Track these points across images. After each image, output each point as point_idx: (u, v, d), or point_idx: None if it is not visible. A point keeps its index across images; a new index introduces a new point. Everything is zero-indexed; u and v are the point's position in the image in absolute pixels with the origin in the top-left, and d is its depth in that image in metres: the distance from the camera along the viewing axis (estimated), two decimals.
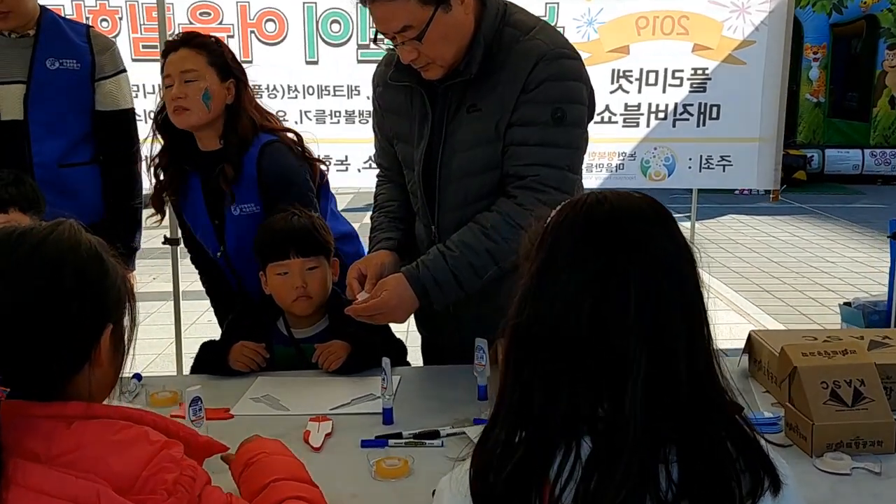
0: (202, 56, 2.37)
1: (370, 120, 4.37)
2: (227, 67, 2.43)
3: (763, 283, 6.88)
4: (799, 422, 1.66)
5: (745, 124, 4.15)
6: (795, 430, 1.67)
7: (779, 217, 9.90)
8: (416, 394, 1.96)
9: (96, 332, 1.14)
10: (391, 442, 1.71)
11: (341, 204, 2.79)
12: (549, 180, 1.92)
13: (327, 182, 3.06)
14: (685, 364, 0.99)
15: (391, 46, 2.02)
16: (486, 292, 1.96)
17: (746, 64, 4.09)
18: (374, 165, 4.46)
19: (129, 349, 1.22)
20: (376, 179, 2.35)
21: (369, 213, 2.32)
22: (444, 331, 2.19)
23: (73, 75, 2.77)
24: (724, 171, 4.23)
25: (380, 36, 1.98)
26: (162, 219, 2.59)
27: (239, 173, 2.35)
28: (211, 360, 2.17)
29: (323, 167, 2.58)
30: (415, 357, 2.34)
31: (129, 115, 2.92)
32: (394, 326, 2.19)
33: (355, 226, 2.41)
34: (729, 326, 5.53)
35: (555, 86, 1.91)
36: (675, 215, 1.10)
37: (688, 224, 4.51)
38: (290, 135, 2.51)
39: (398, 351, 2.27)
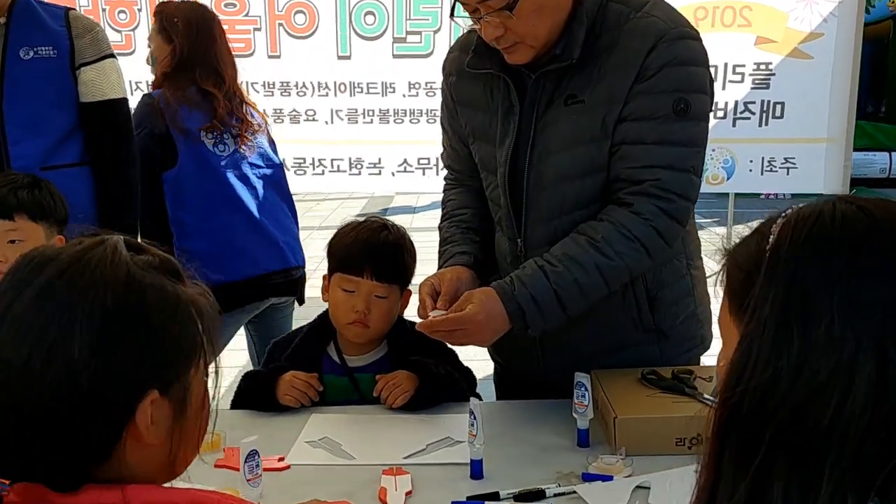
0: None
1: (405, 120, 4.21)
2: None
3: None
4: None
5: (812, 124, 3.85)
6: None
7: None
8: (501, 437, 1.65)
9: (126, 406, 0.85)
10: None
11: (353, 209, 2.42)
12: (672, 185, 1.62)
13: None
14: None
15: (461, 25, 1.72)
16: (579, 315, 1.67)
17: (813, 58, 3.78)
18: (409, 169, 4.27)
19: (206, 414, 0.93)
20: (444, 183, 2.03)
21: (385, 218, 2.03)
22: (524, 358, 1.88)
23: (49, 64, 2.42)
24: (788, 174, 3.92)
25: (459, 15, 1.68)
26: None
27: None
28: (255, 393, 1.87)
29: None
30: (482, 388, 2.03)
31: (118, 107, 2.54)
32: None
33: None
34: None
35: (676, 72, 1.61)
36: (705, 220, 0.78)
37: (721, 230, 4.20)
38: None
39: (469, 382, 1.97)
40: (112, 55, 2.56)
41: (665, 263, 1.76)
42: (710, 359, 1.94)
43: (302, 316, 2.57)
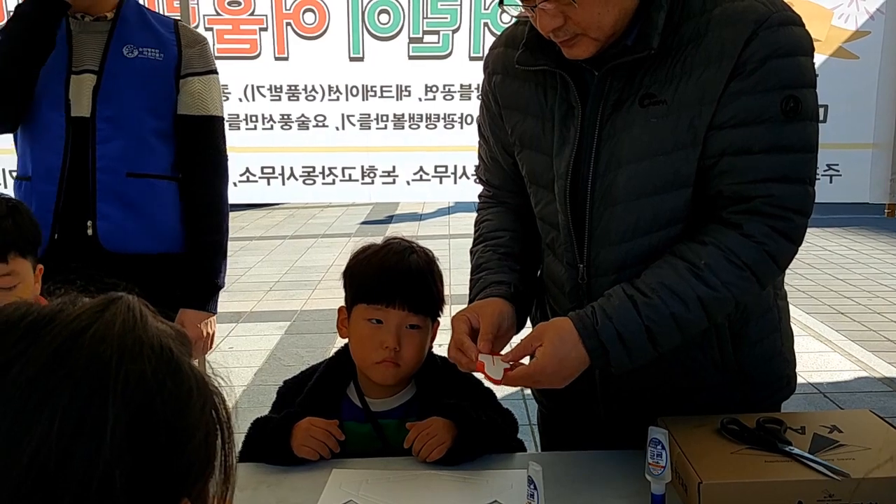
0: None
1: (421, 125, 3.96)
2: None
3: (835, 304, 6.29)
4: None
5: (857, 128, 3.60)
6: None
7: (829, 230, 9.31)
8: (557, 500, 1.39)
9: None
10: None
11: (357, 217, 2.12)
12: (787, 200, 1.38)
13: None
14: None
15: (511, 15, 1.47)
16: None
17: (859, 58, 3.55)
18: (424, 177, 4.02)
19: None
20: (478, 200, 1.77)
21: (390, 226, 1.78)
22: (579, 403, 1.62)
23: (153, 66, 2.29)
24: (831, 181, 3.67)
25: (508, 3, 1.42)
26: None
27: None
28: (267, 443, 1.61)
29: None
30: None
31: (216, 125, 2.41)
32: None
33: (377, 239, 1.80)
34: (810, 356, 4.97)
35: (783, 64, 1.35)
36: None
37: None
38: None
39: (510, 426, 1.71)
40: (216, 71, 2.43)
41: None
42: (793, 404, 1.69)
43: (296, 330, 2.32)
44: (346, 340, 1.73)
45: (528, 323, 1.64)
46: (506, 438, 1.66)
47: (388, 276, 1.64)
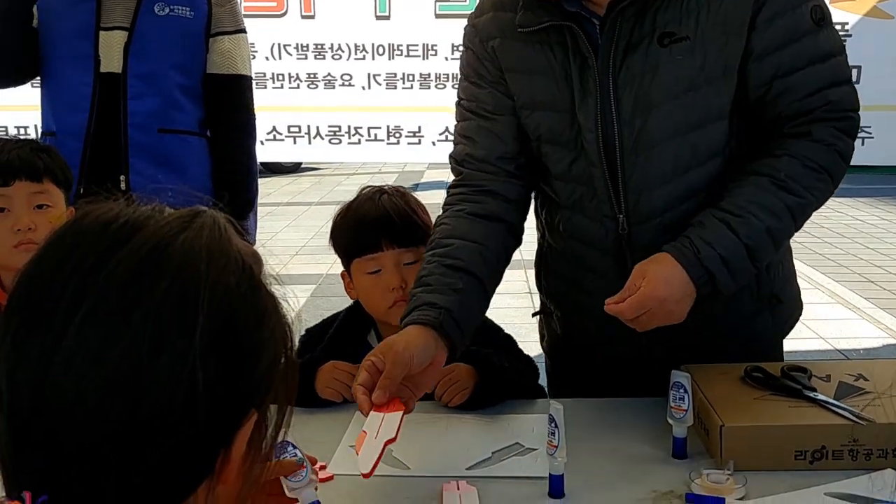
0: None
1: (447, 85, 3.93)
2: None
3: (863, 272, 6.22)
4: None
5: (891, 89, 3.57)
6: None
7: (861, 199, 9.17)
8: (580, 444, 1.38)
9: (230, 429, 0.64)
10: None
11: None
12: (843, 102, 1.44)
13: None
14: None
15: None
16: None
17: (894, 17, 3.48)
18: (450, 138, 3.96)
19: (279, 435, 0.71)
20: (445, 196, 1.60)
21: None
22: (626, 349, 1.60)
23: (184, 24, 2.32)
24: (863, 144, 3.61)
25: None
26: None
27: None
28: None
29: None
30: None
31: (245, 84, 2.44)
32: None
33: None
34: (838, 323, 4.93)
35: None
36: None
37: None
38: None
39: (532, 373, 1.72)
40: (245, 31, 2.46)
41: None
42: (810, 342, 1.69)
43: (321, 293, 2.34)
44: None
45: (534, 328, 1.64)
46: (527, 384, 1.66)
47: (367, 224, 1.66)
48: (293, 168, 11.74)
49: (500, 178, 1.56)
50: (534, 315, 1.83)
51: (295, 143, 3.72)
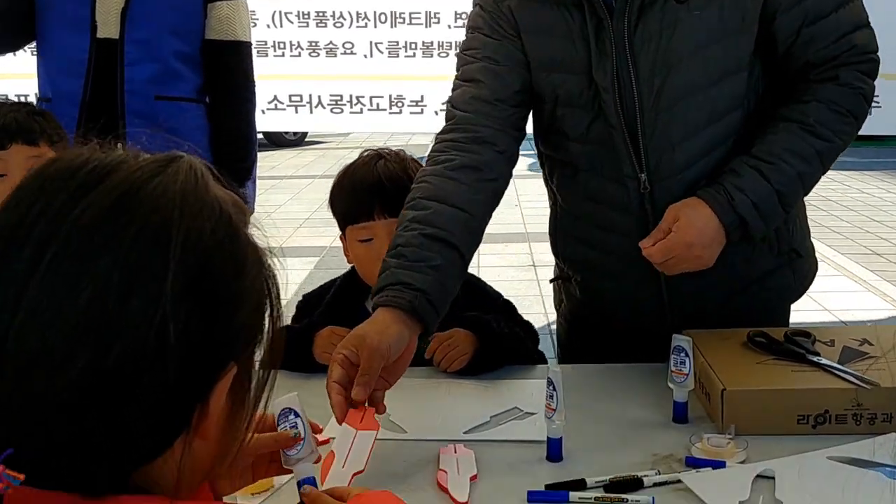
0: None
1: (450, 53, 3.88)
2: None
3: (869, 245, 6.18)
4: None
5: None
6: None
7: (868, 173, 9.11)
8: (579, 409, 1.37)
9: (206, 381, 0.62)
10: (573, 496, 1.14)
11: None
12: (866, 46, 1.47)
13: None
14: None
15: None
16: None
17: None
18: None
19: (263, 395, 0.70)
20: (431, 144, 1.53)
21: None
22: (646, 311, 1.60)
23: None
24: (871, 113, 3.54)
25: None
26: None
27: None
28: (289, 351, 1.60)
29: None
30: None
31: (244, 50, 2.41)
32: None
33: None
34: (843, 295, 4.90)
35: None
36: None
37: None
38: None
39: (531, 339, 1.70)
40: None
41: None
42: (815, 314, 1.67)
43: (324, 265, 2.32)
44: None
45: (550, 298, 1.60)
46: (527, 350, 1.65)
47: (362, 191, 1.63)
48: (298, 141, 11.70)
49: (497, 125, 1.49)
50: (551, 281, 1.83)
51: (296, 112, 3.68)
